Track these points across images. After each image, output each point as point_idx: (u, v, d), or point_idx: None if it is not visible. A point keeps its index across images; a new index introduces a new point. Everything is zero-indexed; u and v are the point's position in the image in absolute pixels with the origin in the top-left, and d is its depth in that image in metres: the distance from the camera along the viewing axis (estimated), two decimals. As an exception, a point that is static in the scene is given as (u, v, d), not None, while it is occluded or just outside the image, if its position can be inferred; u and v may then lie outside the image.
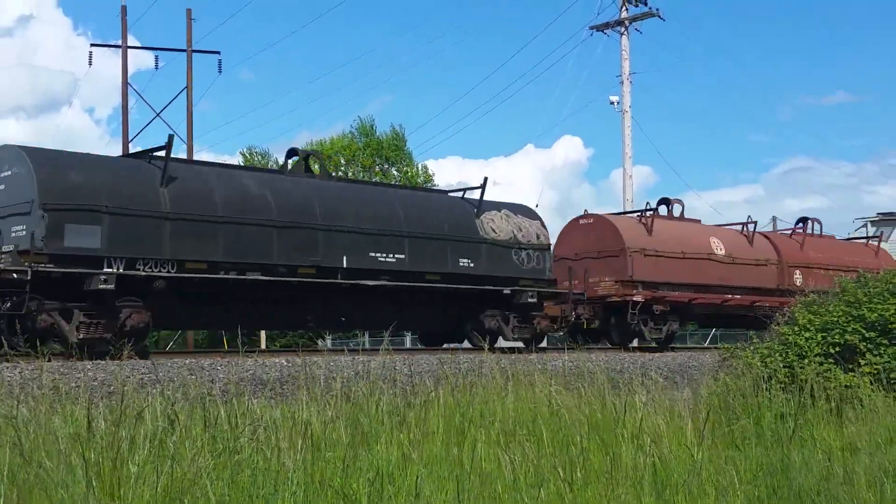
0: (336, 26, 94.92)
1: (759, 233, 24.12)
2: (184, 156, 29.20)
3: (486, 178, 17.80)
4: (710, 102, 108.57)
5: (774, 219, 28.05)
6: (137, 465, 5.74)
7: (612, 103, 32.39)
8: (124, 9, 29.14)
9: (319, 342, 28.99)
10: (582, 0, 54.20)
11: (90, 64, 32.56)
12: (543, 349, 17.82)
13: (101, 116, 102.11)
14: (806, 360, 11.25)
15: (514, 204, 18.87)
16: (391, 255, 15.85)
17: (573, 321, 18.78)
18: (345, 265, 15.18)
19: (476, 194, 17.97)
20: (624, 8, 32.53)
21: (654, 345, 20.10)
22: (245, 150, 46.62)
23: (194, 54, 30.22)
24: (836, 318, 11.86)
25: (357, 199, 16.12)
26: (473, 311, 17.31)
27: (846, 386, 10.59)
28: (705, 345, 29.38)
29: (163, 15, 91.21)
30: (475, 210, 17.58)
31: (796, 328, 12.06)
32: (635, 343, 20.71)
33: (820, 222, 26.03)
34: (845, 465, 7.43)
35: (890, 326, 11.53)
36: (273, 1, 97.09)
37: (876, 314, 11.65)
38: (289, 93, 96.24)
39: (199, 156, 41.88)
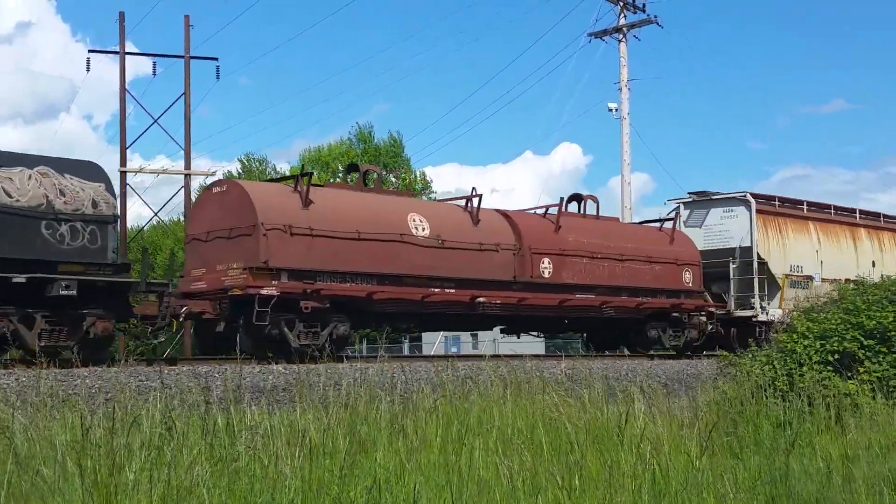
0: (334, 32, 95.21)
1: (497, 210, 19.06)
2: (182, 162, 29.21)
3: None
4: (709, 109, 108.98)
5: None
6: (134, 473, 5.73)
7: (611, 110, 32.42)
8: (122, 15, 29.08)
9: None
10: (580, 7, 54.70)
11: (88, 70, 32.71)
12: (174, 359, 14.31)
13: (99, 122, 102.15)
14: (804, 368, 11.25)
15: (63, 159, 13.78)
16: None
17: (180, 321, 14.13)
18: None
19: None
20: (622, 15, 32.58)
21: (317, 353, 14.14)
22: (243, 156, 46.68)
23: (192, 60, 30.13)
24: (834, 326, 11.87)
25: None
26: None
27: (845, 394, 10.60)
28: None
29: (161, 21, 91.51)
30: None
31: (795, 336, 12.07)
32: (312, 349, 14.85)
33: (596, 200, 21.00)
34: (844, 474, 7.42)
35: (888, 334, 11.54)
36: (271, 7, 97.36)
37: (874, 322, 11.67)
38: (287, 99, 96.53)
39: (196, 162, 41.85)
